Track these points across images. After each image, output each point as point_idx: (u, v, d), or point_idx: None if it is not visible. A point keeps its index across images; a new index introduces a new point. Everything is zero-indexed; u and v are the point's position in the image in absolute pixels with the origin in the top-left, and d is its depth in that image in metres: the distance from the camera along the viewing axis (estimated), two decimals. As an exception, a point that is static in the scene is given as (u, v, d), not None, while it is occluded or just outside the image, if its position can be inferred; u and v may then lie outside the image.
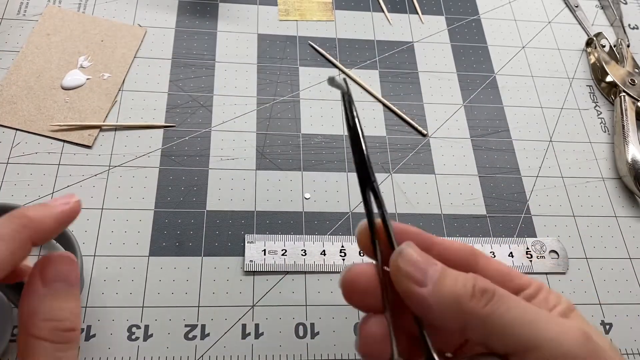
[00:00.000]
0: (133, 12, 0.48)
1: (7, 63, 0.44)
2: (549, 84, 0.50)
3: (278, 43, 0.49)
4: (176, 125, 0.43)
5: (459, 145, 0.45)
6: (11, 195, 0.38)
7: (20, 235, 0.22)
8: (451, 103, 0.48)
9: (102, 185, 0.39)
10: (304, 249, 0.38)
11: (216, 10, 0.50)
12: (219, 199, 0.40)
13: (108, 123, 0.42)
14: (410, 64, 0.49)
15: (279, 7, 0.51)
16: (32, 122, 0.41)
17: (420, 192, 0.43)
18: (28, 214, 0.22)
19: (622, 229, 0.43)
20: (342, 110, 0.26)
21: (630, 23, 0.56)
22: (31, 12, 0.47)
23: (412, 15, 0.53)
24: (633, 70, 0.50)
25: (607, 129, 0.48)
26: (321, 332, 0.36)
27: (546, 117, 0.48)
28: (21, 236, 0.22)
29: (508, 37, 0.53)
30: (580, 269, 0.41)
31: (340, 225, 0.40)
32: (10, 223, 0.22)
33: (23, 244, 0.22)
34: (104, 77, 0.44)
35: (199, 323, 0.35)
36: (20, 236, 0.22)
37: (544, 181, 0.44)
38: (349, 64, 0.48)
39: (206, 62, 0.47)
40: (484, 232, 0.41)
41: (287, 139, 0.44)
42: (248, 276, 0.37)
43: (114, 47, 0.46)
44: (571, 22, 0.55)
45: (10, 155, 0.40)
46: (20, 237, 0.22)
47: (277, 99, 0.46)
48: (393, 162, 0.44)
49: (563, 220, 0.43)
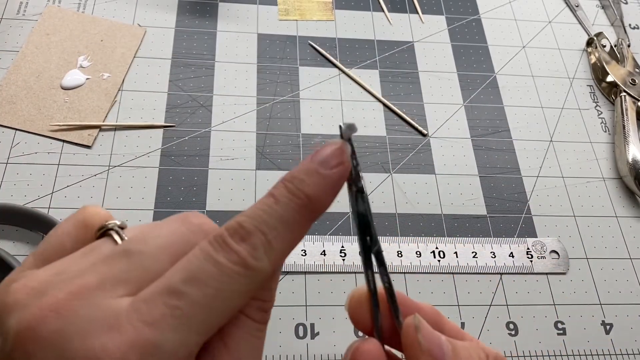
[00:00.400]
0: (133, 12, 0.48)
1: (7, 63, 0.44)
2: (550, 83, 0.50)
3: (278, 43, 0.49)
4: (176, 125, 0.43)
5: (459, 145, 0.45)
6: (10, 195, 0.38)
7: (304, 221, 0.19)
8: (451, 103, 0.48)
9: (102, 185, 0.39)
10: (304, 249, 0.38)
11: (216, 10, 0.50)
12: (219, 199, 0.40)
13: (108, 123, 0.42)
14: (410, 64, 0.49)
15: (279, 6, 0.51)
16: (32, 122, 0.41)
17: (420, 192, 0.42)
18: (307, 191, 0.19)
19: (623, 229, 0.43)
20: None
21: (631, 23, 0.56)
22: (31, 12, 0.47)
23: (412, 15, 0.53)
24: (633, 70, 0.50)
25: (608, 128, 0.48)
26: (321, 332, 0.36)
27: (546, 117, 0.48)
28: (305, 220, 0.19)
29: (508, 37, 0.53)
30: (581, 269, 0.41)
31: (340, 225, 0.40)
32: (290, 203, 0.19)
33: (305, 229, 0.20)
34: (104, 77, 0.44)
35: (198, 323, 0.35)
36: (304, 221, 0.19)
37: (545, 181, 0.44)
38: (349, 63, 0.48)
39: (206, 62, 0.47)
40: (484, 232, 0.41)
41: (287, 139, 0.44)
42: (248, 276, 0.37)
43: (114, 47, 0.46)
44: (572, 21, 0.55)
45: (9, 155, 0.40)
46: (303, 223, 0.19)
47: (277, 98, 0.46)
48: (393, 162, 0.44)
49: (563, 220, 0.43)
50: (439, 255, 0.40)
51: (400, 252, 0.39)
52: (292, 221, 0.19)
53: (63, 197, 0.39)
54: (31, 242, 0.36)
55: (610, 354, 0.37)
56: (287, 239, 0.19)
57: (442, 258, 0.39)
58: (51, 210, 0.38)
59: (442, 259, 0.39)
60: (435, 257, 0.39)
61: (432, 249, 0.40)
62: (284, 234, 0.19)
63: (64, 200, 0.38)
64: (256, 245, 0.18)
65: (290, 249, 0.19)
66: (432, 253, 0.40)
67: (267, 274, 0.19)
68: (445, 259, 0.39)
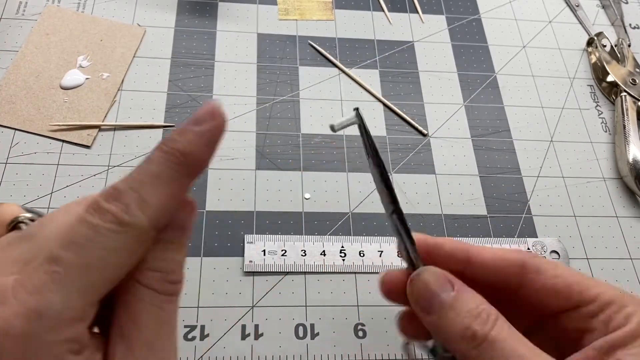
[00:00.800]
0: (132, 11, 0.48)
1: (6, 63, 0.44)
2: (550, 83, 0.50)
3: (278, 43, 0.49)
4: (175, 125, 0.43)
5: (460, 145, 0.45)
6: (10, 195, 0.38)
7: (177, 175, 0.20)
8: (451, 103, 0.47)
9: (102, 186, 0.39)
10: (304, 249, 0.38)
11: (216, 10, 0.50)
12: (219, 199, 0.40)
13: (107, 123, 0.42)
14: (410, 64, 0.49)
15: (278, 6, 0.51)
16: (31, 122, 0.41)
17: (420, 192, 0.42)
18: (179, 147, 0.20)
19: (623, 229, 0.43)
20: (363, 144, 0.26)
21: (631, 22, 0.56)
22: (30, 12, 0.47)
23: (413, 15, 0.53)
24: (634, 69, 0.50)
25: (608, 128, 0.48)
26: (321, 333, 0.36)
27: (547, 117, 0.48)
28: (179, 175, 0.20)
29: (509, 36, 0.52)
30: (581, 269, 0.41)
31: (340, 225, 0.40)
32: (163, 160, 0.20)
33: (182, 184, 0.20)
34: (103, 76, 0.44)
35: (198, 324, 0.35)
36: (177, 175, 0.20)
37: (545, 181, 0.44)
38: (349, 63, 0.48)
39: (206, 61, 0.46)
40: (485, 232, 0.41)
41: (287, 139, 0.43)
42: (248, 277, 0.37)
43: (113, 47, 0.46)
44: (572, 21, 0.55)
45: (9, 155, 0.40)
46: (178, 177, 0.20)
47: (277, 98, 0.45)
48: (393, 162, 0.44)
49: (564, 220, 0.43)
50: (439, 255, 0.39)
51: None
52: (167, 177, 0.20)
53: (62, 197, 0.38)
54: (30, 242, 0.36)
55: (611, 355, 0.37)
56: (163, 194, 0.20)
57: (442, 258, 0.39)
58: (50, 210, 0.38)
59: (443, 259, 0.39)
60: (436, 257, 0.39)
61: (432, 249, 0.40)
62: (159, 190, 0.20)
63: (63, 200, 0.38)
64: (129, 203, 0.19)
65: (170, 204, 0.20)
66: (432, 253, 0.39)
67: (144, 227, 0.19)
68: (446, 259, 0.39)
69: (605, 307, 0.24)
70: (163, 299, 0.21)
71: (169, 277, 0.21)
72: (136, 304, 0.20)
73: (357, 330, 0.36)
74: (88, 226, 0.19)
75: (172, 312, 0.21)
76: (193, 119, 0.20)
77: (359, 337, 0.36)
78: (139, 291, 0.20)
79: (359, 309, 0.37)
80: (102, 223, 0.19)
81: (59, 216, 0.20)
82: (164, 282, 0.21)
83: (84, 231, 0.19)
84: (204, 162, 0.21)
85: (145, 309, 0.20)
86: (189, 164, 0.20)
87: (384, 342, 0.36)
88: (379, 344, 0.36)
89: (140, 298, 0.20)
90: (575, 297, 0.24)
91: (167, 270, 0.21)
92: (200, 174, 0.21)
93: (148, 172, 0.20)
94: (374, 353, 0.35)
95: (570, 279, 0.25)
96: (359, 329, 0.36)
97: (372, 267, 0.38)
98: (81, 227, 0.19)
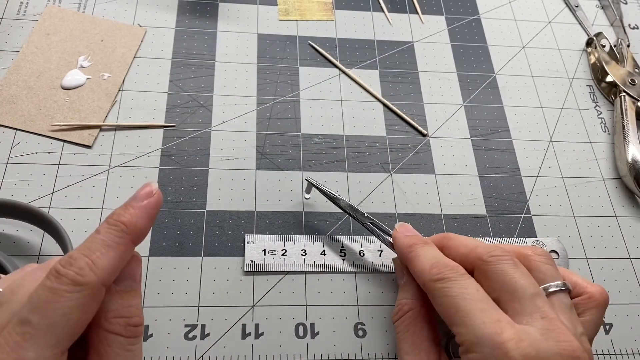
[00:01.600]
0: (133, 12, 0.48)
1: (7, 63, 0.44)
2: (549, 84, 0.50)
3: (278, 43, 0.49)
4: (176, 125, 0.43)
5: (459, 145, 0.45)
6: (11, 195, 0.38)
7: (123, 241, 0.25)
8: (451, 103, 0.48)
9: (102, 185, 0.39)
10: (304, 249, 0.38)
11: (216, 10, 0.50)
12: (219, 199, 0.40)
13: (108, 123, 0.42)
14: (410, 64, 0.49)
15: (279, 7, 0.51)
16: (32, 122, 0.41)
17: (420, 192, 0.43)
18: (123, 220, 0.25)
19: (623, 229, 0.43)
20: None
21: (631, 23, 0.56)
22: (31, 12, 0.47)
23: (412, 15, 0.53)
24: (633, 70, 0.50)
25: (607, 129, 0.48)
26: (321, 332, 0.36)
27: (546, 117, 0.48)
28: (124, 241, 0.25)
29: (508, 37, 0.53)
30: (581, 269, 0.41)
31: (340, 225, 0.40)
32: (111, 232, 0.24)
33: (127, 247, 0.25)
34: (104, 77, 0.44)
35: (199, 323, 0.35)
36: (123, 241, 0.25)
37: (544, 181, 0.44)
38: (349, 64, 0.48)
39: (206, 62, 0.47)
40: (484, 232, 0.41)
41: (287, 139, 0.44)
42: (248, 276, 0.37)
43: (114, 47, 0.46)
44: (571, 22, 0.55)
45: (10, 155, 0.40)
46: (124, 242, 0.25)
47: (277, 99, 0.46)
48: (393, 162, 0.44)
49: (563, 220, 0.43)
50: (438, 255, 0.40)
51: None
52: (113, 243, 0.24)
53: (63, 197, 0.39)
54: (32, 241, 0.37)
55: (610, 354, 0.37)
56: (110, 258, 0.24)
57: (442, 258, 0.39)
58: (51, 210, 0.38)
59: (442, 259, 0.39)
60: (435, 257, 0.39)
61: (432, 248, 0.40)
62: (107, 254, 0.24)
63: (64, 200, 0.38)
64: (82, 266, 0.23)
65: (118, 264, 0.24)
66: (432, 253, 0.40)
67: (96, 285, 0.23)
68: (445, 258, 0.39)
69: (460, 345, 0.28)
70: (128, 341, 0.24)
71: (131, 320, 0.25)
72: (104, 349, 0.24)
73: (357, 329, 0.36)
74: (50, 290, 0.22)
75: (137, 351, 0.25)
76: (134, 197, 0.26)
77: (359, 336, 0.36)
78: (107, 337, 0.24)
79: (358, 308, 0.37)
80: (60, 286, 0.22)
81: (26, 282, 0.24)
82: (127, 326, 0.25)
83: (46, 295, 0.22)
84: (144, 230, 0.26)
85: (113, 352, 0.24)
86: (130, 232, 0.25)
87: (384, 341, 0.36)
88: (379, 343, 0.36)
89: (108, 343, 0.24)
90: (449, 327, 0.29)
91: (129, 314, 0.25)
92: (141, 239, 0.26)
93: (97, 241, 0.24)
94: (374, 352, 0.36)
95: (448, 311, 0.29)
96: (359, 328, 0.36)
97: (372, 267, 0.38)
98: (44, 292, 0.22)
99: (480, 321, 0.27)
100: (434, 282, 0.30)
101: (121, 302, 0.25)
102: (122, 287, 0.25)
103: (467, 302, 0.28)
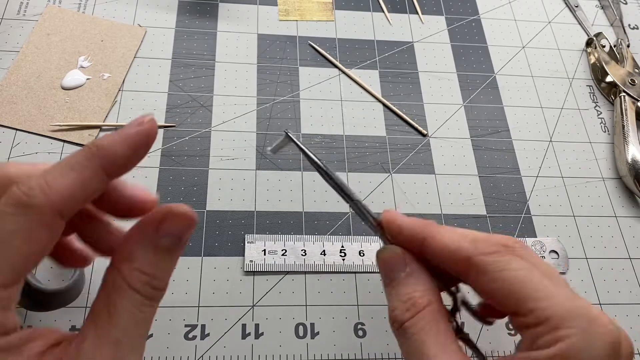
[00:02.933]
0: (133, 12, 0.48)
1: (7, 63, 0.44)
2: (549, 84, 0.50)
3: (278, 43, 0.49)
4: (176, 125, 0.43)
5: (459, 145, 0.45)
6: (11, 195, 0.38)
7: (90, 164, 0.21)
8: (451, 103, 0.48)
9: (102, 185, 0.39)
10: (304, 249, 0.38)
11: (216, 10, 0.50)
12: (219, 199, 0.40)
13: (108, 123, 0.42)
14: (410, 64, 0.49)
15: (279, 7, 0.51)
16: (32, 122, 0.41)
17: (420, 192, 0.43)
18: (97, 142, 0.21)
19: (622, 229, 0.43)
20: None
21: (630, 23, 0.56)
22: (31, 12, 0.47)
23: (412, 15, 0.53)
24: (633, 70, 0.50)
25: (607, 129, 0.48)
26: (321, 332, 0.36)
27: (546, 117, 0.48)
28: (91, 164, 0.21)
29: (508, 37, 0.53)
30: (580, 269, 0.41)
31: (340, 225, 0.40)
32: (80, 153, 0.21)
33: (94, 173, 0.21)
34: (104, 77, 0.44)
35: (199, 323, 0.35)
36: (90, 164, 0.21)
37: (544, 181, 0.44)
38: (349, 64, 0.48)
39: (206, 62, 0.47)
40: (484, 232, 0.41)
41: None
42: (248, 276, 0.37)
43: (114, 47, 0.46)
44: (571, 22, 0.55)
45: (10, 155, 0.40)
46: (90, 166, 0.21)
47: (277, 99, 0.46)
48: (393, 162, 0.44)
49: (563, 220, 0.43)
50: (438, 255, 0.40)
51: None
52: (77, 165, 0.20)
53: (63, 197, 0.39)
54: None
55: (610, 354, 0.37)
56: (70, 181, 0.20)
57: (441, 258, 0.39)
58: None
59: (442, 259, 0.39)
60: (435, 257, 0.39)
61: (432, 248, 0.40)
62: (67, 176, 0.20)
63: (64, 200, 0.38)
64: (31, 186, 0.20)
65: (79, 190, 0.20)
66: (432, 253, 0.40)
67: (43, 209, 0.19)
68: (445, 258, 0.39)
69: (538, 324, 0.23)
70: (143, 302, 0.21)
71: (154, 282, 0.21)
72: (117, 299, 0.21)
73: (357, 329, 0.36)
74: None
75: (148, 316, 0.22)
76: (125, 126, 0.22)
77: (359, 336, 0.36)
78: (123, 288, 0.21)
79: (358, 308, 0.37)
80: (3, 207, 0.19)
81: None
82: (148, 285, 0.21)
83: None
84: (121, 159, 0.21)
85: (124, 307, 0.21)
86: (102, 157, 0.21)
87: (384, 341, 0.36)
88: (379, 343, 0.36)
89: (122, 295, 0.21)
90: (512, 306, 0.23)
91: (154, 275, 0.21)
92: (119, 172, 0.22)
93: (62, 162, 0.21)
94: (374, 352, 0.36)
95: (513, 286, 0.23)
96: (359, 328, 0.36)
97: (372, 266, 0.38)
98: None
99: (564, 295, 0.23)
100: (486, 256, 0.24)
101: (151, 258, 0.21)
102: (161, 242, 0.22)
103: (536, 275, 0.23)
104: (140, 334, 0.22)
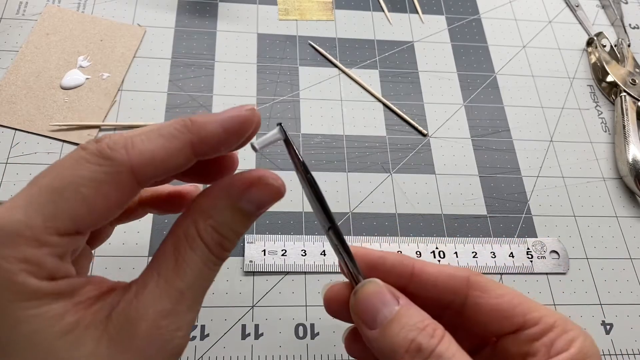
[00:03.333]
0: (132, 11, 0.48)
1: (7, 63, 0.44)
2: (550, 83, 0.50)
3: (278, 43, 0.49)
4: (176, 125, 0.43)
5: (459, 145, 0.45)
6: (10, 195, 0.38)
7: (181, 136, 0.20)
8: (451, 103, 0.47)
9: (102, 185, 0.39)
10: (304, 249, 0.38)
11: (216, 10, 0.50)
12: (219, 199, 0.40)
13: (107, 123, 0.42)
14: (410, 64, 0.49)
15: (278, 6, 0.51)
16: (32, 122, 0.41)
17: (420, 192, 0.42)
18: (192, 117, 0.21)
19: (623, 229, 0.43)
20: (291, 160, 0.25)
21: (631, 23, 0.56)
22: (30, 12, 0.47)
23: (412, 15, 0.53)
24: (634, 70, 0.50)
25: (608, 128, 0.48)
26: (321, 333, 0.36)
27: (547, 117, 0.48)
28: (182, 137, 0.20)
29: (508, 36, 0.52)
30: (581, 269, 0.41)
31: (340, 225, 0.40)
32: (173, 122, 0.21)
33: (181, 146, 0.20)
34: (104, 76, 0.44)
35: (198, 323, 0.35)
36: (181, 136, 0.20)
37: (545, 181, 0.44)
38: (349, 63, 0.48)
39: (206, 61, 0.46)
40: (485, 232, 0.41)
41: (287, 138, 0.43)
42: (248, 276, 0.37)
43: (114, 47, 0.46)
44: (572, 21, 0.55)
45: (9, 155, 0.40)
46: (181, 138, 0.20)
47: (277, 99, 0.45)
48: (393, 162, 0.44)
49: (564, 220, 0.43)
50: (439, 255, 0.40)
51: (400, 252, 0.39)
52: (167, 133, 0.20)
53: (63, 197, 0.38)
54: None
55: (611, 354, 0.37)
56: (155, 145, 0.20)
57: (442, 258, 0.39)
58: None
59: (442, 259, 0.39)
60: (436, 257, 0.39)
61: (432, 249, 0.40)
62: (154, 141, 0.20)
63: (63, 200, 0.38)
64: (117, 141, 0.20)
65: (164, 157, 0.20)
66: (432, 253, 0.39)
67: (122, 165, 0.19)
68: (446, 259, 0.39)
69: (548, 331, 0.23)
70: (211, 259, 0.21)
71: (225, 242, 0.21)
72: (187, 251, 0.21)
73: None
74: (71, 157, 0.20)
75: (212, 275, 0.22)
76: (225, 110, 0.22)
77: (359, 336, 0.36)
78: (195, 240, 0.21)
79: (359, 308, 0.37)
80: (82, 153, 0.19)
81: None
82: (219, 244, 0.21)
83: (65, 160, 0.19)
84: (212, 138, 0.21)
85: (193, 259, 0.21)
86: (193, 131, 0.20)
87: (383, 341, 0.36)
88: (379, 343, 0.36)
89: (194, 246, 0.21)
90: (519, 318, 0.24)
91: (227, 235, 0.21)
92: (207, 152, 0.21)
93: (154, 127, 0.20)
94: (374, 353, 0.36)
95: (514, 300, 0.24)
96: (359, 328, 0.36)
97: (372, 267, 0.38)
98: (66, 158, 0.20)
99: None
100: (480, 277, 0.25)
101: (230, 219, 0.21)
102: (242, 205, 0.22)
103: None
104: (202, 291, 0.22)
